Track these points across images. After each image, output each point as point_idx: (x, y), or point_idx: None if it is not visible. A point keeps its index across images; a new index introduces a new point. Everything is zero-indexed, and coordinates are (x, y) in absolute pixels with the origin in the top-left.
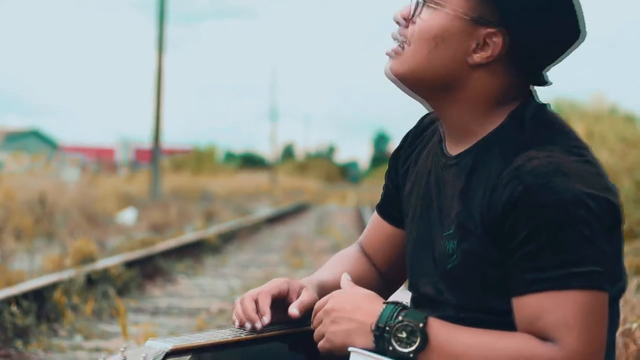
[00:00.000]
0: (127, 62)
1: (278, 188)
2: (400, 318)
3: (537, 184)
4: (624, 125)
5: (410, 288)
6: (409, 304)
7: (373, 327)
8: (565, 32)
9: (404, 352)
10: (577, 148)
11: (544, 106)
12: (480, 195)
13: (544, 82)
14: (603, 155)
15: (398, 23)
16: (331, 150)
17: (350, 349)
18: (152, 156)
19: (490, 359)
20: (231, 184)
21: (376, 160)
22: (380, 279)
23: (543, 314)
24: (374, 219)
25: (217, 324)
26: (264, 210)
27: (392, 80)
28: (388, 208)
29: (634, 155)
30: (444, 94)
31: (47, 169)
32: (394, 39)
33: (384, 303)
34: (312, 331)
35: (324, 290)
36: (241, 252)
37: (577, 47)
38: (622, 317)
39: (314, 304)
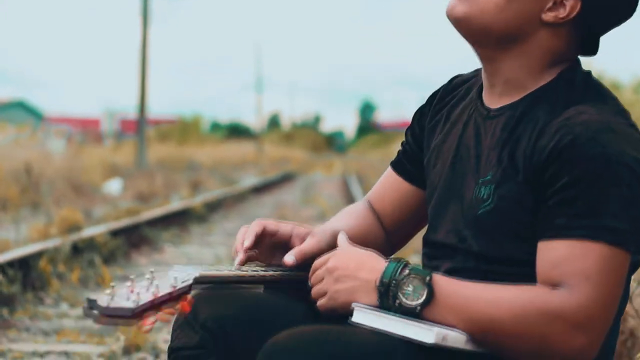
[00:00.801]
0: (112, 33)
1: (264, 158)
2: (406, 272)
3: (586, 135)
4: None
5: (427, 239)
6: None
7: (378, 283)
8: (627, 5)
9: (411, 305)
10: (625, 112)
11: (590, 72)
12: (525, 143)
13: (594, 52)
14: None
15: None
16: (317, 119)
17: (354, 304)
18: (138, 126)
19: (499, 309)
20: (217, 154)
21: (362, 130)
22: (386, 238)
23: (567, 260)
24: (387, 175)
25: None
26: (250, 180)
27: (454, 21)
28: (405, 164)
29: None
30: (505, 45)
31: (32, 140)
32: None
33: (386, 260)
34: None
35: (335, 239)
36: (227, 220)
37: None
38: None
39: (317, 252)
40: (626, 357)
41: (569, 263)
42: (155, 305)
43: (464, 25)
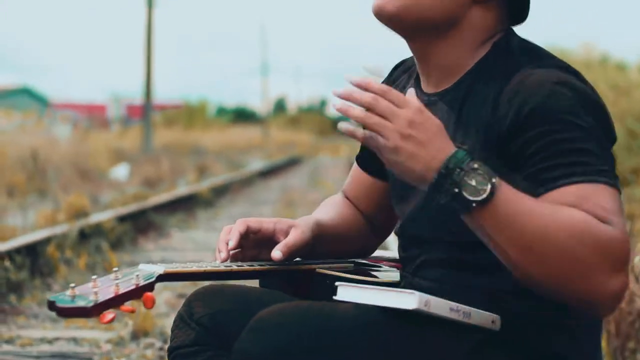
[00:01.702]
0: (116, 17)
1: (270, 142)
2: (475, 165)
3: (542, 93)
4: (615, 74)
5: (398, 231)
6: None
7: (442, 165)
8: None
9: (468, 199)
10: (570, 67)
11: (522, 38)
12: (477, 120)
13: (523, 18)
14: None
15: None
16: (323, 103)
17: (337, 283)
18: (144, 112)
19: (556, 224)
20: (223, 139)
21: None
22: (369, 224)
23: (586, 199)
24: (353, 169)
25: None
26: (256, 164)
27: (384, 18)
28: (366, 159)
29: (625, 103)
30: (441, 32)
31: (38, 126)
32: None
33: (457, 146)
34: (306, 271)
35: (320, 230)
36: (234, 205)
37: None
38: None
39: (301, 243)
40: (634, 338)
41: (593, 200)
42: (116, 301)
43: (398, 21)
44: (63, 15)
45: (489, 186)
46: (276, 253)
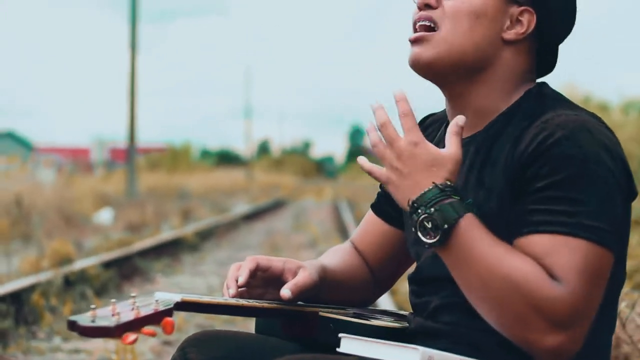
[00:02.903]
0: (100, 61)
1: (254, 184)
2: (432, 210)
3: (563, 135)
4: (597, 114)
5: (411, 277)
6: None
7: (411, 201)
8: (573, 14)
9: (423, 241)
10: (598, 117)
11: (554, 90)
12: (504, 157)
13: (553, 65)
14: None
15: (425, 6)
16: (307, 145)
17: (340, 335)
18: (128, 155)
19: (498, 274)
20: (207, 181)
21: (352, 155)
22: (372, 276)
23: (552, 253)
24: (368, 217)
25: (197, 323)
26: (241, 207)
27: (421, 68)
28: (384, 206)
29: None
30: (475, 75)
31: (22, 171)
32: (421, 21)
33: (432, 183)
34: (310, 313)
35: (326, 274)
36: (219, 249)
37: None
38: None
39: (310, 284)
40: None
41: (556, 255)
42: (136, 325)
43: (435, 69)
44: (46, 58)
45: (439, 234)
46: (285, 292)
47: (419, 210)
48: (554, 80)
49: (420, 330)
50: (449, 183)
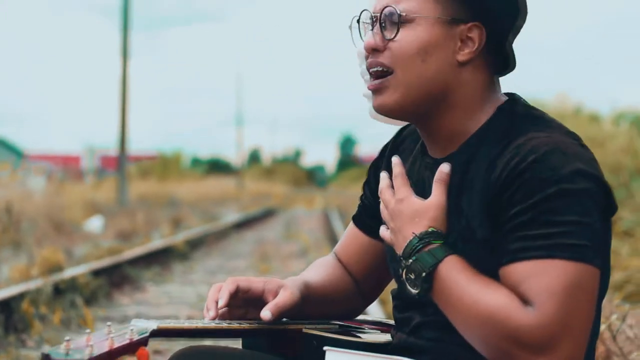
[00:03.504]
0: (91, 68)
1: (245, 193)
2: (410, 262)
3: (535, 159)
4: (588, 125)
5: (394, 293)
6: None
7: (400, 254)
8: (519, 14)
9: (411, 292)
10: (572, 134)
11: (527, 102)
12: (480, 183)
13: (513, 65)
14: None
15: (373, 51)
16: (297, 154)
17: (325, 348)
18: (118, 163)
19: (474, 313)
20: (198, 190)
21: (343, 164)
22: (357, 287)
23: (527, 279)
24: (350, 229)
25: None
26: (231, 216)
27: (386, 113)
28: (365, 219)
29: (600, 155)
30: (439, 103)
31: (13, 178)
32: (370, 70)
33: (412, 234)
34: (293, 330)
35: (308, 291)
36: (209, 258)
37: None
38: None
39: (290, 304)
40: None
41: (530, 281)
42: (111, 356)
43: (399, 111)
44: (37, 65)
45: (421, 284)
46: (265, 313)
47: (402, 263)
48: (546, 91)
49: (403, 346)
50: (429, 230)
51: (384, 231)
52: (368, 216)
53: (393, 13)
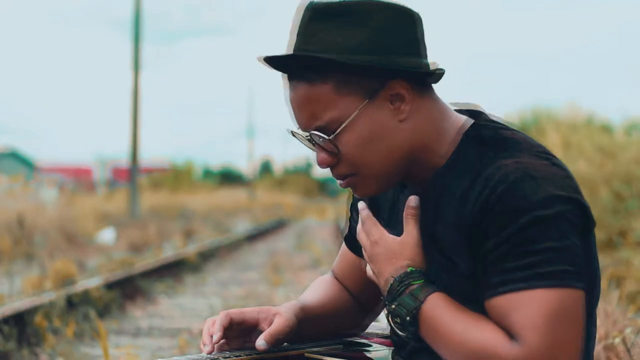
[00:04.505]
0: (103, 81)
1: (257, 204)
2: (393, 307)
3: (505, 189)
4: (600, 135)
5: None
6: None
7: (384, 298)
8: (413, 31)
9: (400, 335)
10: (543, 153)
11: (494, 122)
12: (453, 216)
13: (438, 78)
14: (580, 166)
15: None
16: (309, 165)
17: (306, 353)
18: (130, 175)
19: (462, 351)
20: (210, 201)
21: None
22: (355, 303)
23: (510, 312)
24: (342, 249)
25: (199, 344)
26: (243, 227)
27: (370, 197)
28: (353, 240)
29: (611, 165)
30: (410, 162)
31: (25, 190)
32: (341, 177)
33: (392, 278)
34: (295, 357)
35: (306, 313)
36: (221, 269)
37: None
38: (604, 330)
39: (286, 330)
40: None
41: (512, 314)
42: None
43: (383, 191)
44: (49, 77)
45: (406, 329)
46: (260, 343)
47: (386, 309)
48: (558, 101)
49: None
50: (408, 271)
51: (369, 272)
52: (354, 236)
53: (322, 138)
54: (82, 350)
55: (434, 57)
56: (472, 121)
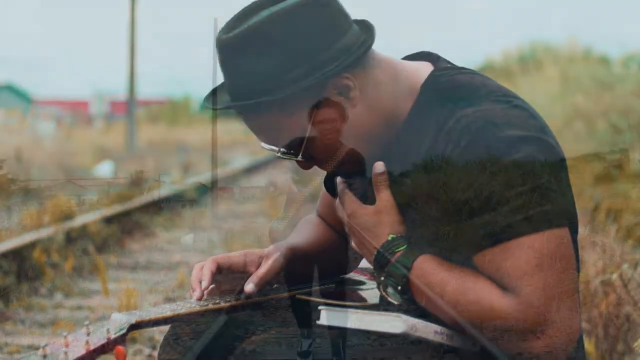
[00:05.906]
0: (99, 13)
1: (254, 137)
2: (382, 278)
3: (470, 142)
4: (598, 68)
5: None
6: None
7: (372, 266)
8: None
9: (395, 303)
10: (503, 96)
11: (452, 68)
12: (422, 175)
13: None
14: (578, 99)
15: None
16: None
17: (320, 307)
18: (127, 109)
19: (458, 312)
20: (208, 135)
21: None
22: (343, 240)
23: (499, 265)
24: (322, 189)
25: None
26: (241, 160)
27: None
28: (328, 182)
29: (609, 98)
30: (380, 135)
31: (22, 124)
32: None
33: (375, 249)
34: (276, 300)
35: (294, 253)
36: (220, 203)
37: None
38: (602, 264)
39: (274, 272)
40: (622, 341)
41: (503, 266)
42: (88, 358)
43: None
44: (44, 10)
45: (400, 297)
46: (249, 286)
47: (377, 280)
48: (554, 34)
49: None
50: (389, 238)
51: (354, 245)
52: (330, 179)
53: (292, 159)
54: (80, 284)
55: None
56: (429, 70)
